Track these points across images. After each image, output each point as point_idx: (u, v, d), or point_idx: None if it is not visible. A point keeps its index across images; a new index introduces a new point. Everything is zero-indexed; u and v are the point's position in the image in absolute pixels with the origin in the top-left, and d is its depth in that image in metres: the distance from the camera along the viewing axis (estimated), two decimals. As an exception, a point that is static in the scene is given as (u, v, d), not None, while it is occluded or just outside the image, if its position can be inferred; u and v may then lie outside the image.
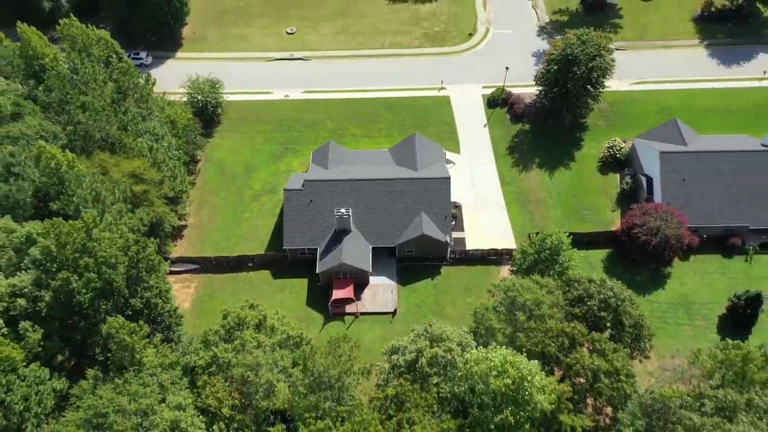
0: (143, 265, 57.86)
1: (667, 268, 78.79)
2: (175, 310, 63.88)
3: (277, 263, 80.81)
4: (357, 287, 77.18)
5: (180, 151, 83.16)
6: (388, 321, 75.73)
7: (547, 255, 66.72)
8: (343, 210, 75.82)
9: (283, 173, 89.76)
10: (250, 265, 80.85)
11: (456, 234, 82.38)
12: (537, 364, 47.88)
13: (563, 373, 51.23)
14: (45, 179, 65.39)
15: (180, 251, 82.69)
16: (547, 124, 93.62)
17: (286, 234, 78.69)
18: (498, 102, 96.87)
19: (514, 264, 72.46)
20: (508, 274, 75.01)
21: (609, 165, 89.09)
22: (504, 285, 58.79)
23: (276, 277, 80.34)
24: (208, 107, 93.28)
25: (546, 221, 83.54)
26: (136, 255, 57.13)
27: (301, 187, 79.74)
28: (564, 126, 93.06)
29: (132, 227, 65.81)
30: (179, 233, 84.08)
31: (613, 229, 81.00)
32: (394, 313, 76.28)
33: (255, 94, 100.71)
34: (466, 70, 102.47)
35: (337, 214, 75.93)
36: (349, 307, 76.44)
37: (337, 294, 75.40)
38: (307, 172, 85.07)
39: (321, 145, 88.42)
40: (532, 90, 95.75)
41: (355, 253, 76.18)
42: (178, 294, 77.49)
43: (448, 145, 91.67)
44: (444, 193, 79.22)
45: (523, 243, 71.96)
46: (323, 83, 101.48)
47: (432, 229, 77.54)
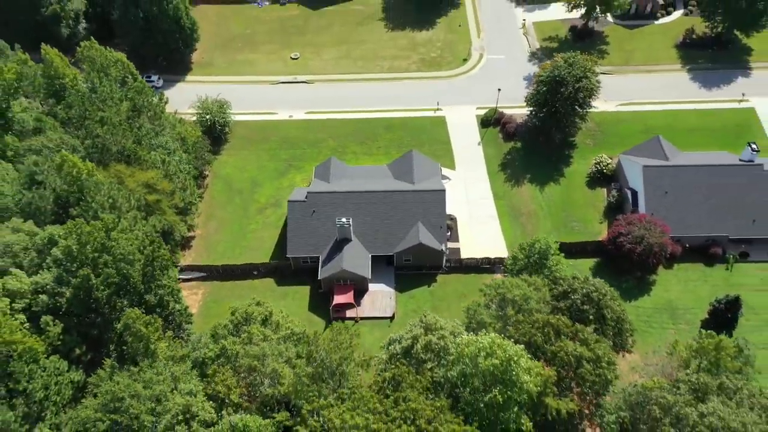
0: (158, 263, 62.05)
1: (652, 275, 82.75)
2: (185, 309, 67.75)
3: (281, 271, 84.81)
4: (357, 293, 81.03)
5: (190, 166, 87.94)
6: (387, 325, 79.28)
7: (536, 259, 70.86)
8: (344, 219, 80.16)
9: (287, 188, 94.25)
10: (255, 273, 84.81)
11: (451, 245, 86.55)
12: (523, 347, 51.66)
13: (548, 361, 54.75)
14: (65, 187, 69.95)
15: (188, 260, 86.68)
16: (538, 142, 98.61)
17: (290, 243, 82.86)
18: (491, 122, 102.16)
19: (506, 270, 76.46)
20: (501, 280, 78.94)
21: (596, 180, 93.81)
22: (495, 283, 62.86)
23: (279, 284, 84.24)
24: (216, 126, 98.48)
25: (537, 233, 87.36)
26: (151, 253, 61.37)
27: (305, 198, 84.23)
28: (554, 144, 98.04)
29: (145, 233, 69.99)
30: (187, 243, 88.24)
31: (601, 239, 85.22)
32: (392, 318, 79.95)
33: (260, 114, 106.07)
34: (461, 92, 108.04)
35: (338, 223, 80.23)
36: (350, 312, 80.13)
37: (338, 299, 79.24)
38: (309, 186, 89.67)
39: (323, 161, 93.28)
40: (524, 111, 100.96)
41: (355, 261, 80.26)
42: (186, 300, 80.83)
43: (444, 162, 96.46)
44: (439, 204, 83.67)
45: (514, 249, 76.16)
46: (325, 104, 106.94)
47: (428, 239, 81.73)
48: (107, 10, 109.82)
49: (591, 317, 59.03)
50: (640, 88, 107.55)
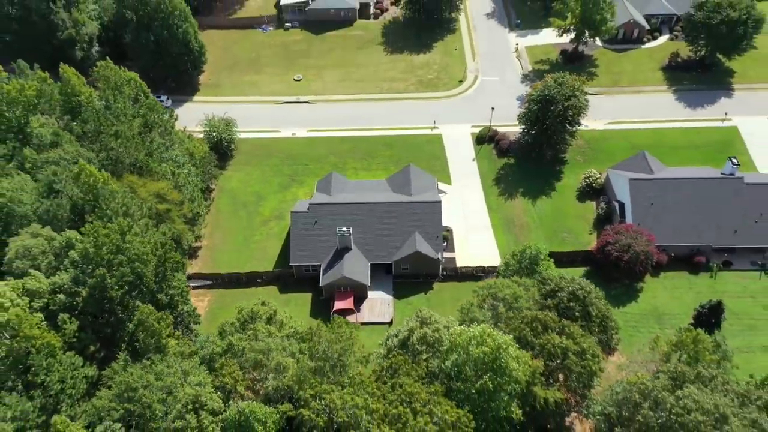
0: (169, 264, 65.79)
1: (640, 283, 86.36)
2: (193, 311, 71.24)
3: (284, 279, 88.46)
4: (356, 300, 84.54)
5: (197, 179, 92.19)
6: (385, 330, 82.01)
7: (527, 264, 74.63)
8: (344, 229, 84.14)
9: (290, 201, 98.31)
10: (258, 281, 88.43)
11: (447, 254, 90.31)
12: (512, 337, 55.13)
13: (536, 356, 58.02)
14: (81, 195, 74.01)
15: (195, 269, 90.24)
16: (530, 158, 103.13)
17: (293, 252, 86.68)
18: (485, 139, 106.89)
19: (499, 276, 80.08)
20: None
21: (586, 194, 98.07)
22: (487, 284, 66.58)
23: (282, 292, 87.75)
24: (222, 142, 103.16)
25: (529, 243, 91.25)
26: (163, 254, 65.17)
27: (307, 209, 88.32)
28: (545, 160, 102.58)
29: (157, 237, 73.80)
30: (194, 253, 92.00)
31: (590, 249, 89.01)
32: (390, 323, 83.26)
33: (265, 132, 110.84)
34: (457, 111, 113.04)
35: (339, 232, 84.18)
36: (350, 318, 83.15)
37: (338, 305, 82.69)
38: (311, 198, 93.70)
39: (324, 176, 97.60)
40: (516, 128, 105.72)
41: (355, 268, 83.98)
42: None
43: (440, 177, 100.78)
44: (435, 215, 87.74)
45: (506, 256, 79.93)
46: (327, 123, 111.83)
47: (425, 247, 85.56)
48: (119, 34, 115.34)
49: (577, 314, 62.58)
50: (627, 107, 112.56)
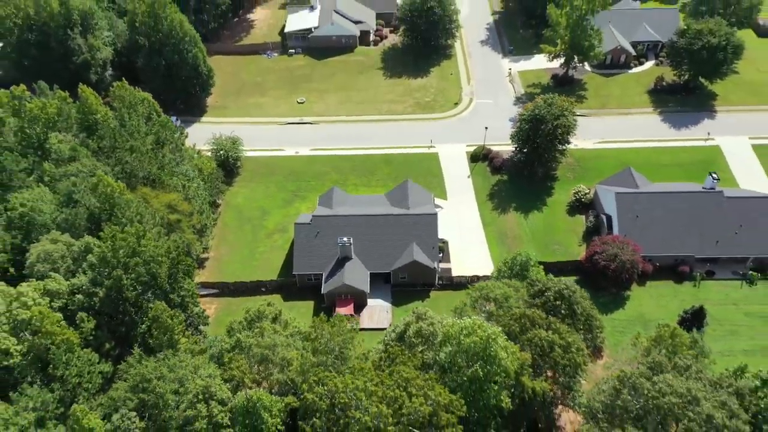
0: (182, 266, 70.10)
1: (627, 292, 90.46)
2: (202, 312, 75.30)
3: (287, 288, 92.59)
4: (356, 307, 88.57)
5: (206, 193, 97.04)
6: (384, 336, 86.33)
7: (518, 270, 78.96)
8: (345, 238, 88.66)
9: (293, 216, 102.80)
10: (263, 290, 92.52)
11: (443, 265, 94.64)
12: (500, 329, 59.23)
13: (524, 350, 61.95)
14: (98, 205, 78.73)
15: (202, 279, 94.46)
16: (523, 175, 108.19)
17: (296, 261, 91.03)
18: (480, 157, 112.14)
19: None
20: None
21: (576, 208, 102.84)
22: (479, 286, 70.85)
23: (286, 300, 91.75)
24: (229, 160, 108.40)
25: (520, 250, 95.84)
26: (176, 257, 69.56)
27: (310, 221, 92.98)
28: (537, 177, 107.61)
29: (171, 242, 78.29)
30: (202, 264, 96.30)
31: (579, 259, 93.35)
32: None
33: (269, 151, 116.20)
34: (452, 132, 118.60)
35: (340, 242, 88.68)
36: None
37: (339, 311, 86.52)
38: (314, 212, 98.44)
39: (326, 191, 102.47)
40: (509, 147, 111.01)
41: (355, 276, 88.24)
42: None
43: (437, 193, 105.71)
44: (432, 226, 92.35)
45: (499, 264, 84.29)
46: (328, 142, 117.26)
47: (422, 257, 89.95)
48: (132, 59, 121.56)
49: (563, 311, 66.68)
50: (615, 128, 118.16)
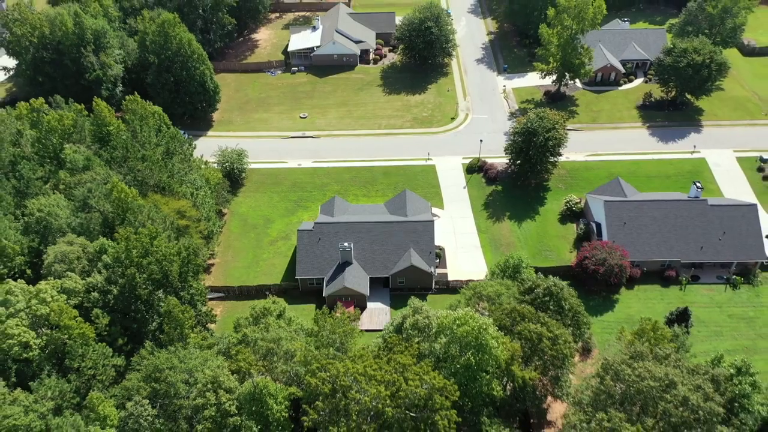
0: (192, 266, 74.09)
1: (616, 295, 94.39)
2: (210, 311, 79.07)
3: (290, 292, 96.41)
4: (356, 309, 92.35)
5: (213, 201, 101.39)
6: (383, 331, 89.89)
7: (510, 272, 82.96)
8: (345, 243, 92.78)
9: (296, 224, 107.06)
10: (267, 293, 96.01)
11: (440, 270, 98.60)
12: (491, 320, 63.08)
13: (513, 338, 65.61)
14: (112, 210, 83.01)
15: (208, 283, 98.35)
16: (516, 185, 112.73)
17: (299, 266, 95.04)
18: (475, 169, 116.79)
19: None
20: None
21: (567, 217, 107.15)
22: (473, 285, 74.76)
23: (289, 303, 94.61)
24: (234, 171, 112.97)
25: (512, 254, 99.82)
26: (187, 257, 73.60)
27: (312, 228, 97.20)
28: (530, 187, 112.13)
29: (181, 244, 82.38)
30: (208, 269, 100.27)
31: (570, 264, 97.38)
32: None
33: (273, 163, 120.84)
34: (449, 145, 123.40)
35: (341, 247, 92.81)
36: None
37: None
38: (316, 219, 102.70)
39: (328, 200, 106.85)
40: (503, 160, 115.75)
41: (355, 280, 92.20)
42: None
43: (434, 203, 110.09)
44: (429, 233, 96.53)
45: (492, 266, 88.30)
46: (330, 155, 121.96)
47: (419, 262, 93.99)
48: (142, 75, 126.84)
49: (552, 307, 70.54)
50: (605, 141, 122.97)
